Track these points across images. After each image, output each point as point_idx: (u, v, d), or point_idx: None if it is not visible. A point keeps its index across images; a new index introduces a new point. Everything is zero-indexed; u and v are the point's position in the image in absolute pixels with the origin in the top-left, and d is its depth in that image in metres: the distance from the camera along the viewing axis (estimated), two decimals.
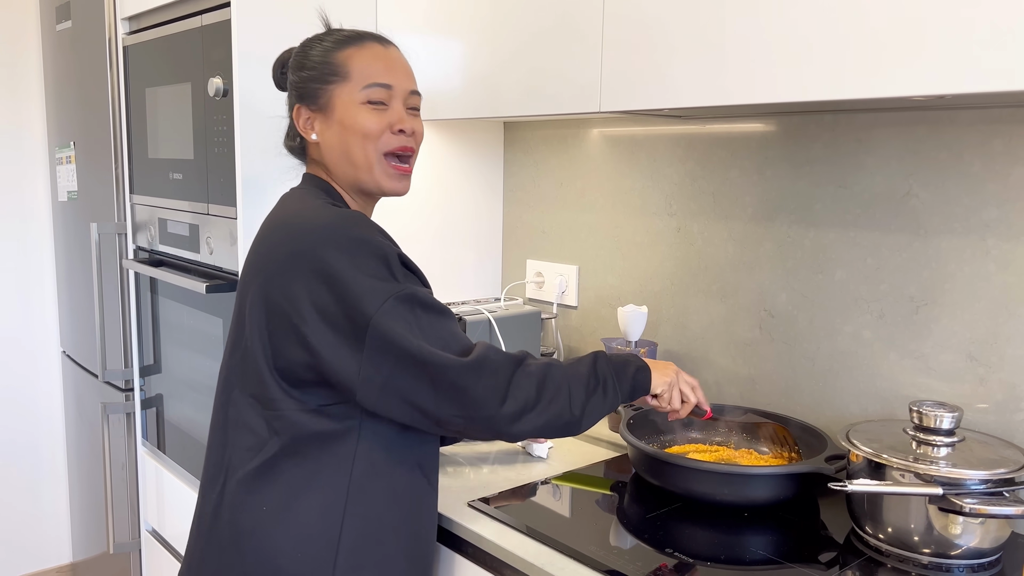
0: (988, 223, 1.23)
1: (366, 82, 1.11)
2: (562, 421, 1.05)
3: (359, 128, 1.11)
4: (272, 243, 1.05)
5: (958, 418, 1.11)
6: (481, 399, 1.00)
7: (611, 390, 1.10)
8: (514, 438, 1.04)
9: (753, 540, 1.13)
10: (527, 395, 1.02)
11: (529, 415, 1.03)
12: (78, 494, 2.71)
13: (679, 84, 1.20)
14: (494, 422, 1.01)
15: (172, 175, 1.84)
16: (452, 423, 1.01)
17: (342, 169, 1.14)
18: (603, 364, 1.11)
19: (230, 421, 1.10)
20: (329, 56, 1.13)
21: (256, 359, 1.06)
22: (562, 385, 1.05)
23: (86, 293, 2.44)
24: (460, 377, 0.99)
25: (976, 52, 0.90)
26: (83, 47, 2.27)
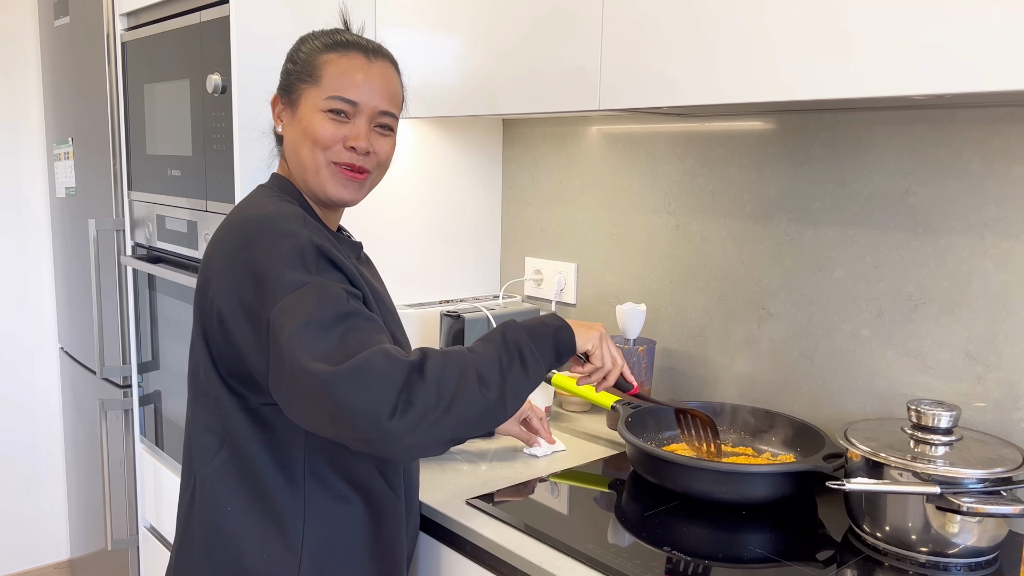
0: (987, 221, 1.23)
1: (331, 92, 1.08)
2: (478, 412, 0.94)
3: (311, 134, 1.09)
4: (216, 243, 1.06)
5: (956, 417, 1.11)
6: (364, 413, 0.87)
7: (531, 360, 0.99)
8: (425, 449, 0.92)
9: (751, 538, 1.13)
10: (425, 401, 0.90)
11: (436, 417, 0.90)
12: (76, 490, 2.71)
13: (678, 82, 1.20)
14: (392, 437, 0.88)
15: (170, 171, 1.84)
16: (354, 444, 0.91)
17: (296, 168, 1.13)
18: (514, 334, 1.00)
19: (192, 423, 1.11)
20: (313, 56, 1.12)
21: (201, 360, 1.07)
22: (467, 372, 0.94)
23: (84, 289, 2.43)
24: (332, 390, 0.87)
25: (975, 51, 0.90)
26: (81, 43, 2.26)
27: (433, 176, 1.91)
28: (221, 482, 1.06)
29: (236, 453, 1.06)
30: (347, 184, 1.11)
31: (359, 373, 0.88)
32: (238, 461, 1.06)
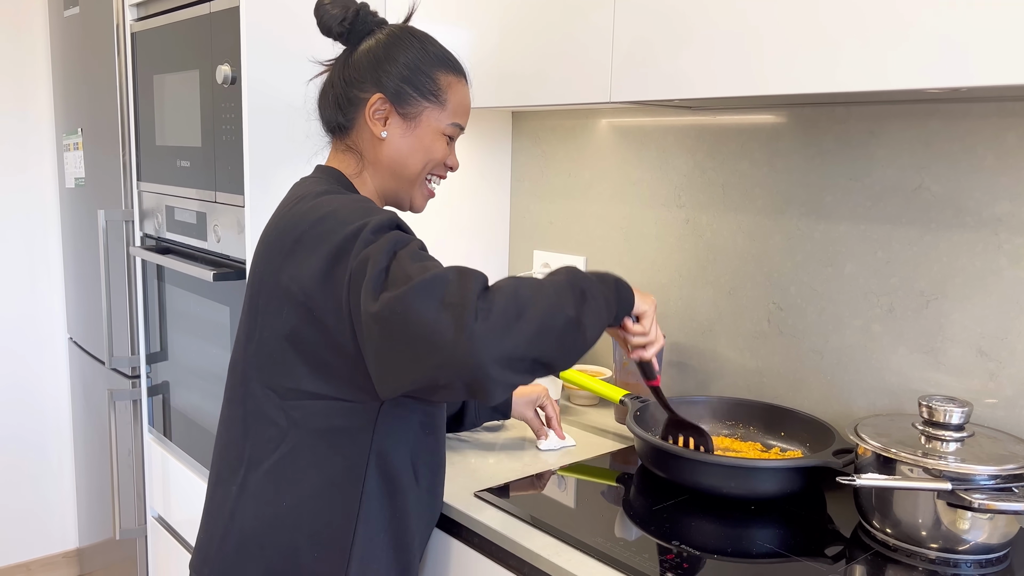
0: (1000, 217, 1.22)
1: (455, 119, 1.16)
2: (558, 323, 0.90)
3: (432, 154, 1.14)
4: (282, 230, 1.04)
5: (967, 413, 1.11)
6: (447, 322, 0.85)
7: (600, 297, 0.98)
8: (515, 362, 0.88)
9: (760, 533, 1.13)
10: (503, 305, 0.87)
11: (516, 325, 0.87)
12: (84, 480, 2.72)
13: (690, 74, 1.19)
14: (477, 346, 0.84)
15: (180, 163, 1.84)
16: (445, 378, 0.87)
17: (388, 174, 1.14)
18: (582, 274, 0.99)
19: (249, 413, 1.08)
20: (431, 71, 1.12)
21: (273, 347, 1.04)
22: (542, 288, 0.92)
23: (93, 280, 2.44)
24: (410, 305, 0.85)
25: (991, 44, 0.89)
26: (91, 33, 2.27)
27: None
28: (281, 475, 1.04)
29: (302, 447, 1.04)
30: (428, 197, 1.19)
31: (433, 283, 0.86)
32: (301, 455, 1.04)
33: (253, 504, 1.06)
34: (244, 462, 1.08)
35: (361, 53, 1.13)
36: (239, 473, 1.08)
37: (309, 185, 1.11)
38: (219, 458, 1.13)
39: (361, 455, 1.04)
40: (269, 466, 1.05)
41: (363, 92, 1.12)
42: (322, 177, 1.13)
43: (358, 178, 1.15)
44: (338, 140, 1.17)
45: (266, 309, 1.05)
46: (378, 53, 1.12)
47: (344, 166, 1.16)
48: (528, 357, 0.89)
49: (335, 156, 1.17)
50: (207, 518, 1.13)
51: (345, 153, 1.16)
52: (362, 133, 1.14)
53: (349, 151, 1.15)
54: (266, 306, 1.05)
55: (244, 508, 1.07)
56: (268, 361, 1.05)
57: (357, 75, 1.13)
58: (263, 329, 1.05)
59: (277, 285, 1.03)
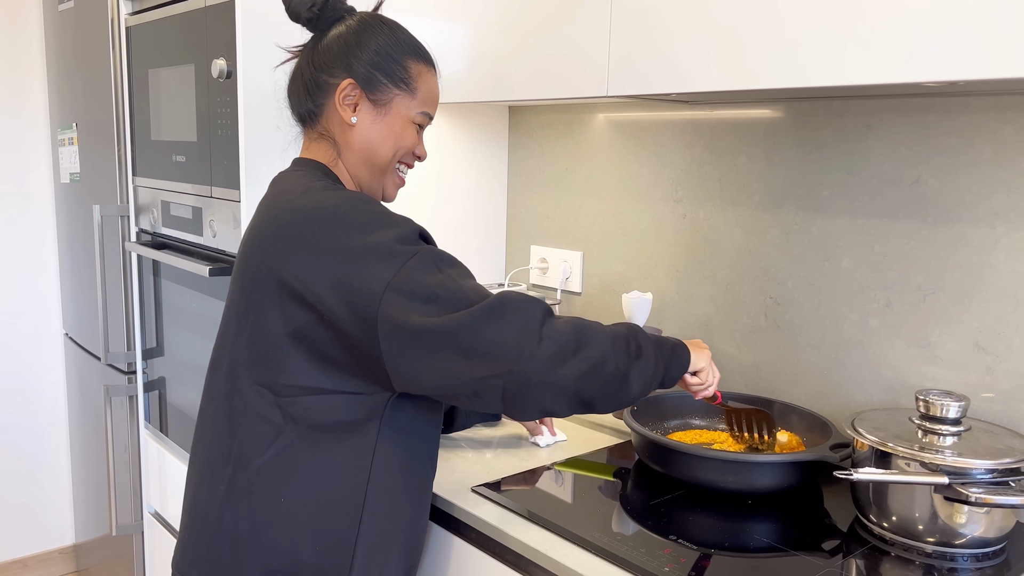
0: (998, 211, 1.22)
1: (424, 108, 1.15)
2: (608, 371, 0.97)
3: (402, 142, 1.14)
4: (278, 226, 1.02)
5: (964, 407, 1.11)
6: (512, 342, 0.92)
7: (652, 357, 1.03)
8: (560, 392, 0.94)
9: (757, 528, 1.13)
10: (565, 337, 0.95)
11: (572, 360, 0.94)
12: (81, 476, 2.72)
13: (686, 69, 1.19)
14: (534, 366, 0.92)
15: (175, 157, 1.83)
16: (490, 386, 0.93)
17: (359, 161, 1.13)
18: (641, 332, 1.05)
19: (236, 411, 1.06)
20: (402, 59, 1.12)
21: (270, 344, 1.02)
22: (602, 333, 0.99)
23: (89, 275, 2.43)
24: (481, 326, 0.92)
25: (990, 37, 0.89)
26: (85, 27, 2.26)
27: (439, 164, 1.90)
28: (277, 473, 1.03)
29: (302, 442, 1.03)
30: (399, 186, 1.19)
31: (502, 307, 0.93)
32: (301, 450, 1.03)
33: (246, 503, 1.04)
34: (231, 461, 1.06)
35: (331, 39, 1.12)
36: (226, 472, 1.06)
37: (300, 179, 1.08)
38: (201, 457, 1.11)
39: (367, 446, 1.04)
40: (262, 464, 1.04)
41: (332, 77, 1.11)
42: (306, 170, 1.11)
43: (336, 166, 1.14)
44: (310, 128, 1.15)
45: (261, 305, 1.03)
46: (348, 39, 1.11)
47: (321, 155, 1.14)
48: (574, 391, 0.96)
49: (310, 146, 1.16)
50: (191, 519, 1.10)
51: (318, 141, 1.14)
52: (332, 119, 1.12)
53: (322, 138, 1.14)
54: (260, 302, 1.03)
55: (235, 507, 1.05)
56: (262, 358, 1.03)
57: (326, 60, 1.11)
58: (258, 326, 1.03)
59: (277, 281, 1.00)
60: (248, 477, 1.05)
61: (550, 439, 1.43)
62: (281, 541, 1.03)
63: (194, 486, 1.12)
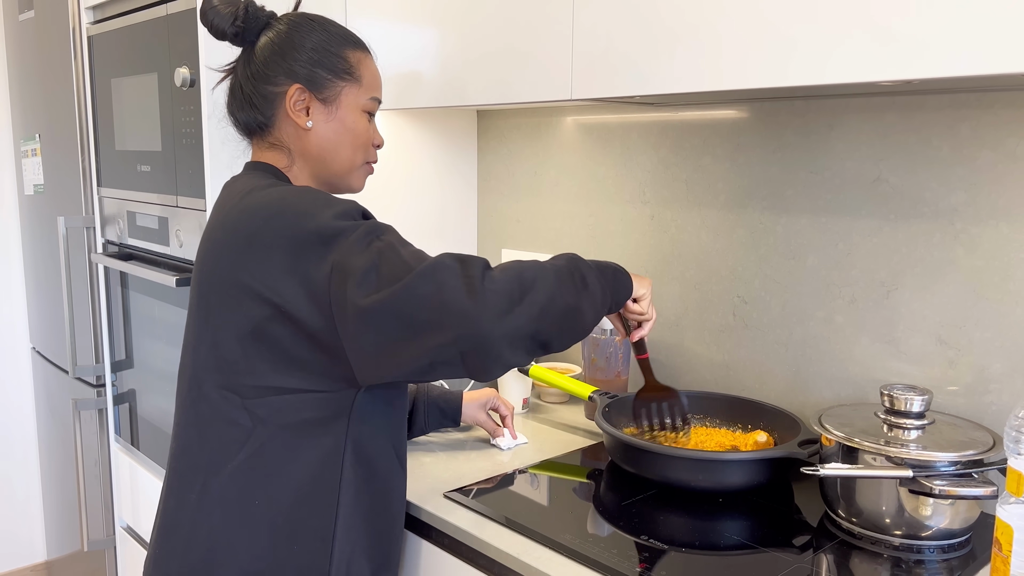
0: (956, 207, 1.24)
1: (372, 93, 1.15)
2: (558, 307, 0.96)
3: (360, 135, 1.14)
4: (230, 228, 1.01)
5: (928, 401, 1.12)
6: (453, 304, 0.89)
7: (598, 286, 1.03)
8: (516, 340, 0.92)
9: (728, 525, 1.14)
10: (508, 286, 0.93)
11: (520, 307, 0.92)
12: (51, 492, 2.68)
13: (650, 71, 1.20)
14: (483, 322, 0.89)
15: (140, 167, 1.82)
16: (445, 354, 0.91)
17: (321, 163, 1.13)
18: (582, 261, 1.04)
19: (203, 418, 1.05)
20: (340, 50, 1.11)
21: (232, 347, 1.01)
22: (544, 272, 0.97)
23: (55, 288, 2.40)
24: (417, 295, 0.89)
25: (941, 37, 0.90)
26: (47, 37, 2.23)
27: (408, 169, 1.90)
28: (250, 476, 1.02)
29: (272, 443, 1.02)
30: (368, 174, 1.19)
31: (434, 270, 0.91)
32: (272, 451, 1.02)
33: (219, 508, 1.04)
34: (202, 469, 1.05)
35: (263, 47, 1.11)
36: (197, 481, 1.06)
37: (247, 181, 1.08)
38: (170, 468, 1.10)
39: (337, 444, 1.04)
40: (234, 468, 1.03)
41: (277, 86, 1.10)
42: (256, 173, 1.11)
43: (290, 171, 1.13)
44: (259, 139, 1.14)
45: (220, 309, 1.02)
46: (282, 43, 1.10)
47: (273, 160, 1.13)
48: (528, 335, 0.94)
49: (261, 154, 1.14)
50: (162, 532, 1.09)
51: (270, 150, 1.13)
52: (284, 127, 1.11)
53: (274, 148, 1.13)
54: (220, 306, 1.02)
55: (208, 514, 1.04)
56: (225, 362, 1.03)
57: (265, 70, 1.10)
58: (218, 330, 1.03)
59: (235, 284, 1.00)
60: (221, 483, 1.04)
61: (511, 442, 1.43)
62: (259, 543, 1.03)
63: (163, 499, 1.11)
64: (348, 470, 1.05)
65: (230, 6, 1.10)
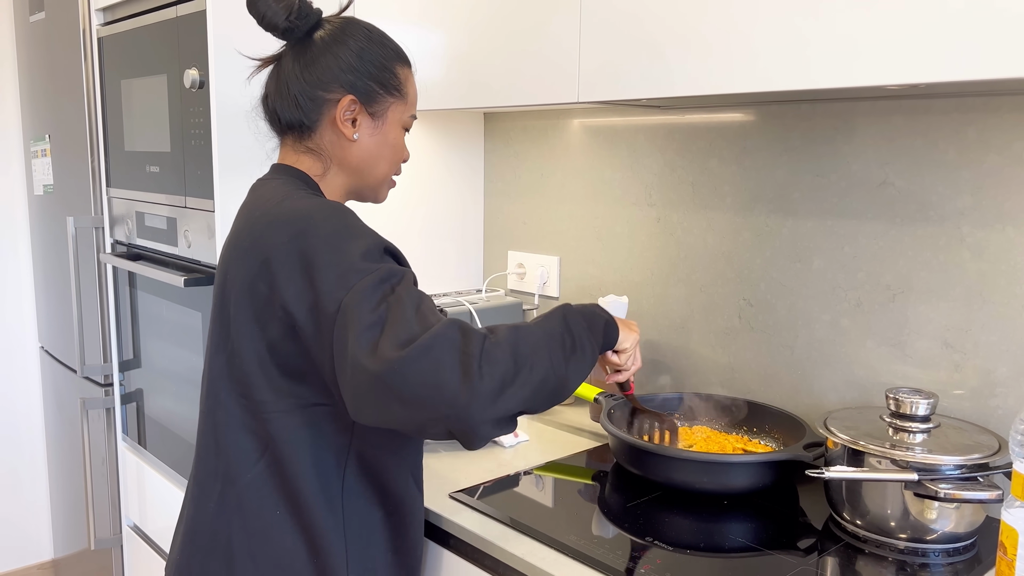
0: (963, 211, 1.24)
1: (413, 111, 1.17)
2: (549, 387, 0.96)
3: (400, 151, 1.16)
4: (255, 237, 1.00)
5: (933, 404, 1.12)
6: (447, 385, 0.87)
7: (588, 347, 1.03)
8: (502, 420, 0.92)
9: (733, 528, 1.14)
10: (504, 367, 0.91)
11: (511, 389, 0.91)
12: (59, 490, 2.69)
13: (657, 74, 1.20)
14: (474, 408, 0.88)
15: (149, 168, 1.83)
16: (433, 428, 0.90)
17: (358, 174, 1.12)
18: (574, 320, 1.04)
19: (220, 425, 1.05)
20: (393, 66, 1.12)
21: (247, 357, 1.01)
22: (540, 347, 0.96)
23: (64, 288, 2.41)
24: (412, 372, 0.86)
25: (948, 40, 0.90)
26: (57, 39, 2.24)
27: (415, 171, 1.91)
28: (268, 485, 1.02)
29: (283, 456, 1.01)
30: (391, 188, 1.19)
31: (432, 348, 0.88)
32: (287, 464, 1.01)
33: (239, 518, 1.03)
34: (219, 477, 1.05)
35: (321, 50, 1.08)
36: (215, 489, 1.05)
37: (279, 188, 1.06)
38: (191, 475, 1.11)
39: (340, 457, 1.03)
40: (251, 478, 1.03)
41: (329, 93, 1.08)
42: (286, 179, 1.09)
43: (323, 180, 1.11)
44: (295, 140, 1.11)
45: (239, 318, 1.01)
46: (341, 50, 1.08)
47: (307, 167, 1.11)
48: (515, 413, 0.95)
49: (293, 156, 1.12)
50: (183, 537, 1.09)
51: (306, 155, 1.11)
52: (326, 134, 1.09)
53: (310, 152, 1.11)
54: (238, 315, 1.01)
55: (228, 523, 1.04)
56: (241, 372, 1.02)
57: (320, 74, 1.07)
58: (236, 340, 1.02)
59: (252, 295, 0.99)
60: (238, 492, 1.03)
61: (513, 440, 1.44)
62: (278, 553, 1.02)
63: (184, 505, 1.11)
64: (353, 485, 1.04)
65: (283, 0, 1.07)
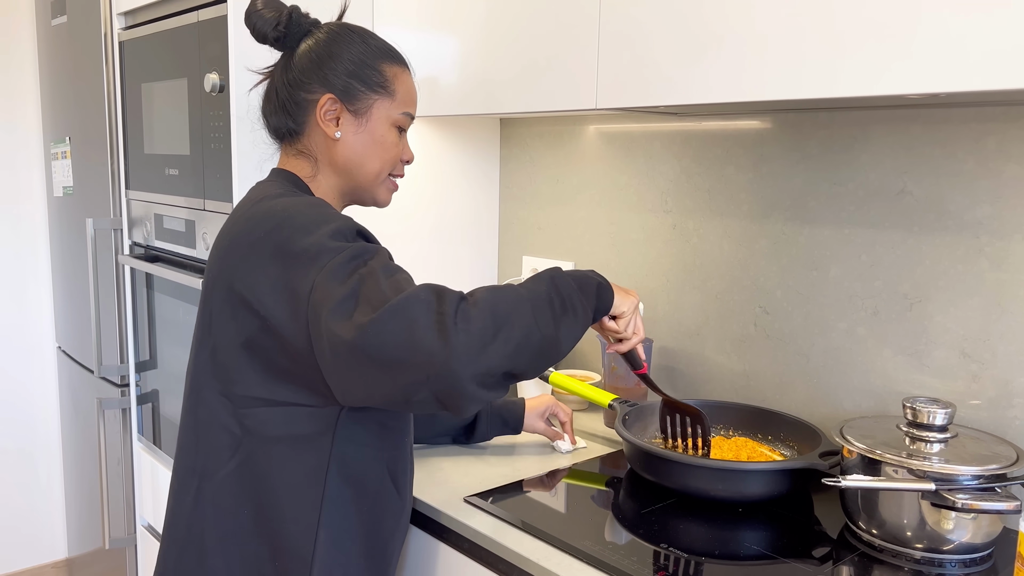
0: (981, 220, 1.24)
1: (405, 108, 1.15)
2: (534, 342, 0.93)
3: (389, 148, 1.14)
4: (235, 235, 1.02)
5: (951, 414, 1.12)
6: (422, 344, 0.86)
7: (580, 308, 1.00)
8: (487, 378, 0.90)
9: (747, 535, 1.14)
10: (481, 323, 0.89)
11: (493, 345, 0.89)
12: (74, 489, 2.71)
13: (674, 81, 1.20)
14: (454, 363, 0.86)
15: (168, 171, 1.84)
16: (417, 392, 0.89)
17: (347, 174, 1.13)
18: (563, 280, 1.00)
19: (200, 422, 1.06)
20: (376, 63, 1.12)
21: (226, 355, 1.02)
22: (520, 304, 0.94)
23: (82, 289, 2.43)
24: (385, 333, 0.85)
25: (969, 50, 0.90)
26: (78, 42, 2.27)
27: (431, 175, 1.92)
28: (239, 484, 1.03)
29: (259, 454, 1.02)
30: (392, 191, 1.19)
31: (405, 307, 0.87)
32: (259, 463, 1.03)
33: (212, 514, 1.05)
34: (197, 473, 1.06)
35: (302, 54, 1.11)
36: (192, 483, 1.07)
37: (262, 188, 1.09)
38: (173, 470, 1.12)
39: (321, 460, 1.03)
40: (224, 475, 1.04)
41: (310, 93, 1.10)
42: (276, 180, 1.12)
43: (313, 181, 1.14)
44: (288, 145, 1.15)
45: (219, 316, 1.02)
46: (320, 52, 1.11)
47: (298, 169, 1.14)
48: (501, 373, 0.92)
49: (287, 160, 1.15)
50: (164, 531, 1.11)
51: (297, 157, 1.14)
52: (313, 136, 1.12)
53: (301, 155, 1.14)
54: (219, 313, 1.02)
55: (202, 519, 1.05)
56: (222, 369, 1.03)
57: (301, 77, 1.10)
58: (217, 336, 1.03)
59: (230, 291, 1.00)
60: (213, 488, 1.05)
61: (570, 446, 1.44)
62: (244, 554, 1.04)
63: (168, 499, 1.13)
64: (333, 489, 1.04)
65: (274, 11, 1.11)
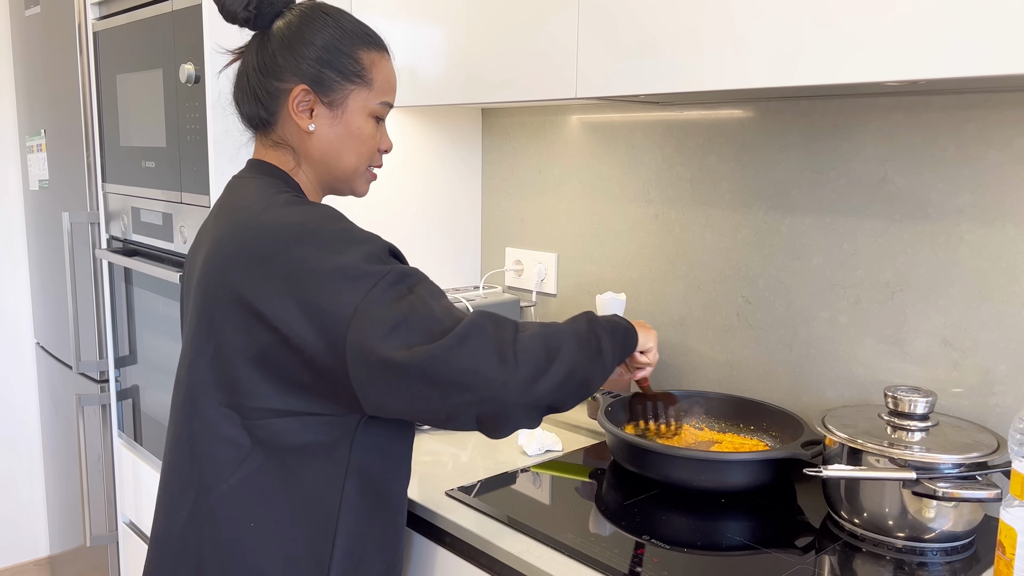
0: (962, 208, 1.23)
1: (383, 97, 1.09)
2: (576, 381, 0.99)
3: (366, 140, 1.09)
4: (241, 243, 0.97)
5: (932, 403, 1.12)
6: (485, 370, 0.91)
7: (609, 353, 1.06)
8: (533, 409, 0.96)
9: (730, 526, 1.14)
10: (536, 355, 0.95)
11: (544, 377, 0.95)
12: (54, 487, 2.68)
13: (655, 70, 1.19)
14: (509, 391, 0.92)
15: (145, 163, 1.82)
16: (464, 414, 0.93)
17: (323, 166, 1.08)
18: (599, 324, 1.07)
19: (196, 434, 1.02)
20: (352, 50, 1.06)
21: (233, 366, 0.97)
22: (569, 342, 0.99)
23: (59, 283, 2.40)
24: (451, 357, 0.90)
25: (948, 37, 0.90)
26: (52, 33, 2.23)
27: (412, 166, 1.90)
28: (245, 496, 1.00)
29: (271, 465, 0.99)
30: (370, 181, 1.15)
31: (470, 334, 0.91)
32: (269, 473, 0.99)
33: (210, 527, 1.01)
34: (193, 486, 1.02)
35: (273, 38, 1.05)
36: (187, 497, 1.03)
37: (257, 189, 1.04)
38: (162, 484, 1.08)
39: (339, 468, 1.01)
40: (227, 488, 1.00)
41: (283, 83, 1.05)
42: (265, 179, 1.06)
43: (296, 173, 1.09)
44: (263, 135, 1.10)
45: (225, 327, 0.98)
46: (291, 36, 1.05)
47: (279, 162, 1.09)
48: (546, 405, 0.97)
49: (265, 151, 1.10)
50: (154, 546, 1.07)
51: (275, 148, 1.09)
52: (287, 126, 1.07)
53: (278, 146, 1.09)
54: (224, 323, 0.98)
55: (199, 532, 1.01)
56: (227, 381, 0.99)
57: (273, 64, 1.05)
58: (221, 347, 0.98)
59: (238, 302, 0.96)
60: (213, 501, 1.01)
61: (538, 448, 1.42)
62: (249, 564, 1.00)
63: (156, 512, 1.09)
64: (349, 496, 1.02)
65: None
